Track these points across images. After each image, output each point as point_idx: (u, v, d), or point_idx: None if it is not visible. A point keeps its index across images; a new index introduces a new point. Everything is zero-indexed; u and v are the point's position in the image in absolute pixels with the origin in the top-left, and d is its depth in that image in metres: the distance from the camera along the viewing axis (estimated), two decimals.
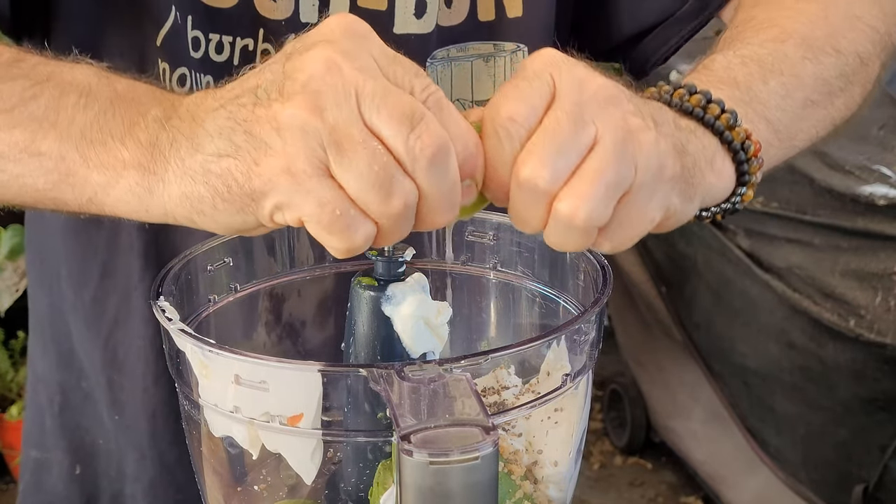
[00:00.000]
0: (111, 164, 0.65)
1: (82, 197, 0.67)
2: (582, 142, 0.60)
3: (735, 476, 2.51)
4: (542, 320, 0.79)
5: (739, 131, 0.70)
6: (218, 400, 0.65)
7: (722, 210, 0.73)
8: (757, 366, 2.33)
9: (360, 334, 0.71)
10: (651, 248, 2.62)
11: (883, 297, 2.09)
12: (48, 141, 0.67)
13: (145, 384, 0.98)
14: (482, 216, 0.80)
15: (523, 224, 0.63)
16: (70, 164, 0.66)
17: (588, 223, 0.61)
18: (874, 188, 2.07)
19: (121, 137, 0.65)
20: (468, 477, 0.55)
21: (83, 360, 1.02)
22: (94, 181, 0.66)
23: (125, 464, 1.02)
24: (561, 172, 0.60)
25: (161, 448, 0.99)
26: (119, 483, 1.03)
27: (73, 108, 0.67)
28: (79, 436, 1.04)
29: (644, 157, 0.62)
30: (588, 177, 0.60)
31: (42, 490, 1.07)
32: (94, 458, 1.04)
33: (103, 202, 0.67)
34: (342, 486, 0.71)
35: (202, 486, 0.73)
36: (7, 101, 0.68)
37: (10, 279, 2.67)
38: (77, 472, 1.05)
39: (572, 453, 0.71)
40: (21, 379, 2.81)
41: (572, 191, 0.60)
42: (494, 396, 0.72)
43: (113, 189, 0.65)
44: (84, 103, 0.67)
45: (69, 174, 0.67)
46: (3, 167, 0.69)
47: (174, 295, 0.71)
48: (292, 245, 0.80)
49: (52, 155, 0.67)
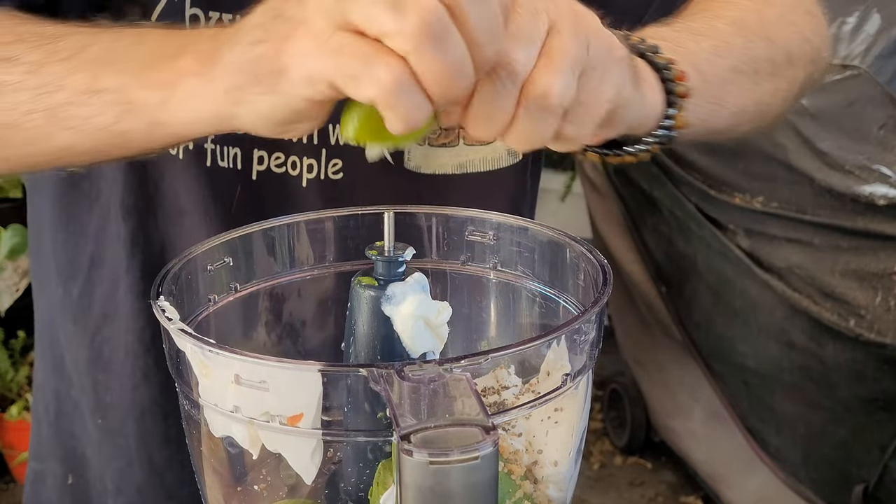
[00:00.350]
0: (168, 79, 0.68)
1: (144, 123, 0.70)
2: (541, 28, 0.63)
3: (735, 476, 2.51)
4: (542, 320, 0.79)
5: (661, 58, 0.76)
6: (218, 400, 0.65)
7: (658, 139, 0.76)
8: (757, 365, 2.33)
9: (360, 334, 0.71)
10: (651, 248, 2.62)
11: (883, 296, 2.09)
12: (108, 76, 0.70)
13: (134, 381, 0.98)
14: (482, 216, 0.80)
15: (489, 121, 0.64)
16: (129, 92, 0.70)
17: (560, 99, 0.63)
18: (874, 188, 2.07)
19: (175, 55, 0.68)
20: (468, 477, 0.55)
21: (70, 365, 1.02)
22: (154, 100, 0.69)
23: (107, 477, 1.01)
24: (532, 56, 0.63)
25: (150, 450, 0.99)
26: (107, 496, 1.03)
27: (130, 46, 0.71)
28: (71, 445, 1.04)
29: (594, 37, 0.66)
30: (555, 55, 0.63)
31: (40, 501, 1.07)
32: (85, 468, 1.03)
33: (164, 121, 0.69)
34: (342, 486, 0.71)
35: (202, 486, 0.73)
36: (69, 50, 0.72)
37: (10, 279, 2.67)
38: (69, 483, 1.04)
39: (572, 453, 0.71)
40: (21, 379, 2.81)
41: (543, 70, 0.63)
42: (494, 396, 0.72)
43: (171, 103, 0.68)
44: (139, 40, 0.72)
45: (129, 101, 0.70)
46: (74, 113, 0.71)
47: (174, 294, 0.71)
48: (292, 245, 0.80)
49: (112, 88, 0.70)
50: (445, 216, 0.81)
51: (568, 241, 0.76)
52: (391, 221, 0.71)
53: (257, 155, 0.93)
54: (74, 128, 0.72)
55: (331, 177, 0.93)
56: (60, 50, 0.73)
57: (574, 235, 0.77)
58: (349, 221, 0.80)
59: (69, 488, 1.04)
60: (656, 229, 2.58)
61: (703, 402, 2.56)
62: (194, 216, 0.93)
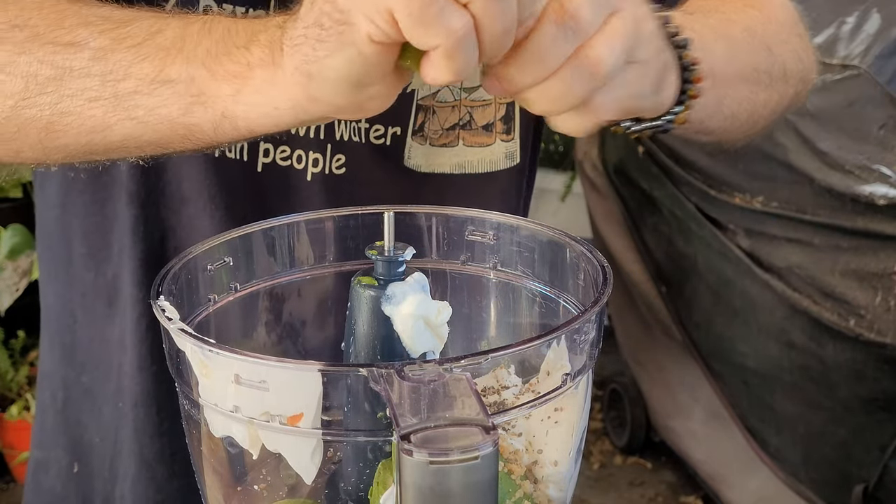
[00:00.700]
0: (238, 71, 0.67)
1: (214, 114, 0.68)
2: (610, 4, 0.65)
3: (735, 476, 2.51)
4: (542, 320, 0.79)
5: (689, 55, 0.77)
6: (218, 399, 0.65)
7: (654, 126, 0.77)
8: (757, 365, 2.33)
9: (360, 334, 0.71)
10: (651, 248, 2.62)
11: (883, 296, 2.09)
12: (176, 66, 0.69)
13: (131, 371, 0.98)
14: (482, 216, 0.80)
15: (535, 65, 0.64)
16: (200, 83, 0.68)
17: (609, 71, 0.65)
18: (874, 188, 2.07)
19: (245, 45, 0.67)
20: (468, 477, 0.55)
21: (85, 353, 1.02)
22: (224, 92, 0.67)
23: (118, 461, 1.02)
24: (597, 21, 0.64)
25: (142, 442, 0.99)
26: (111, 484, 1.03)
27: (199, 34, 0.69)
28: (78, 433, 1.04)
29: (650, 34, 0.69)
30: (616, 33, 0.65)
31: (41, 490, 1.07)
32: (91, 456, 1.04)
33: (235, 113, 0.68)
34: (342, 486, 0.71)
35: (202, 485, 0.73)
36: (136, 37, 0.70)
37: (10, 279, 2.67)
38: (75, 471, 1.05)
39: (572, 453, 0.71)
40: (21, 379, 2.81)
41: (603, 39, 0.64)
42: (494, 396, 0.72)
43: (242, 94, 0.67)
44: (208, 28, 0.69)
45: (200, 93, 0.68)
46: (140, 103, 0.70)
47: (174, 294, 0.71)
48: (292, 245, 0.80)
49: (181, 78, 0.68)
50: (445, 216, 0.81)
51: (568, 241, 0.76)
52: (391, 221, 0.71)
53: (263, 147, 0.92)
54: (139, 118, 0.70)
55: (334, 171, 0.93)
56: (128, 36, 0.71)
57: (574, 235, 0.77)
58: (349, 221, 0.80)
59: (74, 476, 1.05)
60: (656, 229, 2.58)
61: (703, 402, 2.56)
62: (197, 204, 0.93)
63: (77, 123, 0.72)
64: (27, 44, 0.72)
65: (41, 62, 0.72)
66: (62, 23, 0.72)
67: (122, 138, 0.73)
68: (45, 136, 0.74)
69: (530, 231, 0.79)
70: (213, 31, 0.69)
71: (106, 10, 0.74)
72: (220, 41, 0.68)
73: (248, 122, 0.68)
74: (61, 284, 1.03)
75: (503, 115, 0.99)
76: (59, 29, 0.72)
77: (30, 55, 0.72)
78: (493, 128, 0.99)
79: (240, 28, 0.69)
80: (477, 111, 0.98)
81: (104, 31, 0.71)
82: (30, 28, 0.73)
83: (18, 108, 0.73)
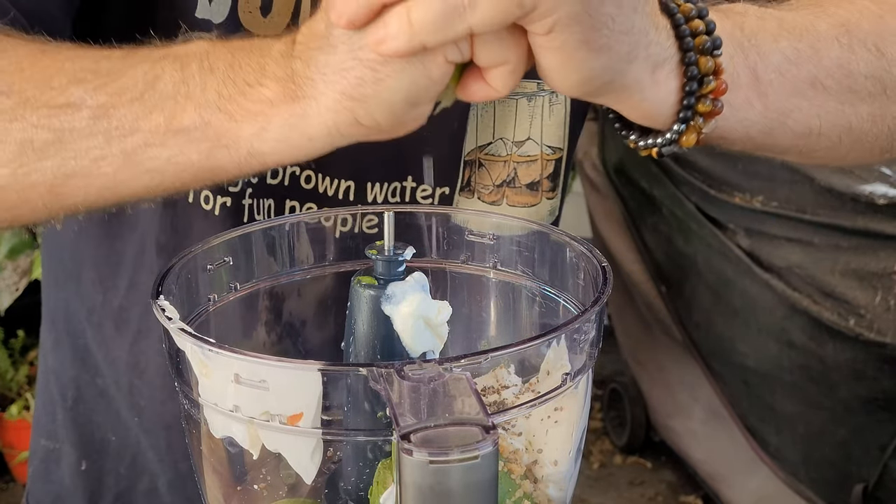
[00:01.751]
0: (258, 110, 0.64)
1: (240, 155, 0.66)
2: None
3: (735, 475, 2.51)
4: (541, 319, 0.79)
5: (708, 61, 0.66)
6: (218, 399, 0.65)
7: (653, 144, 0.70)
8: (757, 365, 2.33)
9: (360, 333, 0.71)
10: (651, 248, 2.62)
11: (883, 296, 2.09)
12: (188, 113, 0.66)
13: (162, 397, 0.98)
14: (482, 216, 0.80)
15: None
16: (217, 127, 0.65)
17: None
18: (874, 187, 2.07)
19: (257, 81, 0.65)
20: (468, 476, 0.55)
21: (100, 358, 1.02)
22: (247, 133, 0.65)
23: (146, 460, 1.02)
24: None
25: (175, 457, 0.99)
26: (129, 480, 1.03)
27: (200, 74, 0.66)
28: (89, 431, 1.04)
29: None
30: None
31: (49, 480, 1.07)
32: (103, 454, 1.04)
33: (262, 151, 0.65)
34: (342, 486, 0.71)
35: (202, 485, 0.73)
36: (135, 89, 0.67)
37: (10, 278, 2.67)
38: (82, 468, 1.05)
39: (572, 452, 0.71)
40: (21, 378, 2.81)
41: None
42: (494, 395, 0.72)
43: (267, 132, 0.64)
44: (209, 66, 0.66)
45: (219, 136, 0.65)
46: (154, 154, 0.67)
47: (174, 294, 0.71)
48: (292, 244, 0.80)
49: (196, 125, 0.66)
50: (446, 216, 0.81)
51: (568, 240, 0.76)
52: (391, 221, 0.71)
53: (289, 205, 0.90)
54: (155, 169, 0.68)
55: (365, 231, 0.89)
56: (126, 89, 0.67)
57: (574, 235, 0.77)
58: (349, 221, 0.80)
59: (82, 473, 1.05)
60: (656, 229, 2.58)
61: (702, 402, 2.56)
62: None
63: (85, 184, 0.70)
64: (18, 110, 0.69)
65: (36, 127, 0.68)
66: (50, 82, 0.69)
67: (137, 191, 0.70)
68: (49, 199, 0.71)
69: (530, 231, 0.79)
70: (216, 70, 0.66)
71: (90, 62, 0.70)
72: (228, 80, 0.66)
73: (278, 155, 0.66)
74: (69, 295, 1.03)
75: (550, 172, 0.95)
76: (50, 90, 0.69)
77: (23, 121, 0.69)
78: (539, 186, 0.95)
79: (242, 62, 0.66)
80: (522, 168, 0.94)
81: (98, 87, 0.68)
82: (17, 93, 0.69)
83: (18, 176, 0.70)
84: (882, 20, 0.79)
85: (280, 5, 0.87)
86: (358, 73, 0.61)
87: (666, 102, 0.67)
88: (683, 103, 0.67)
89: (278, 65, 0.65)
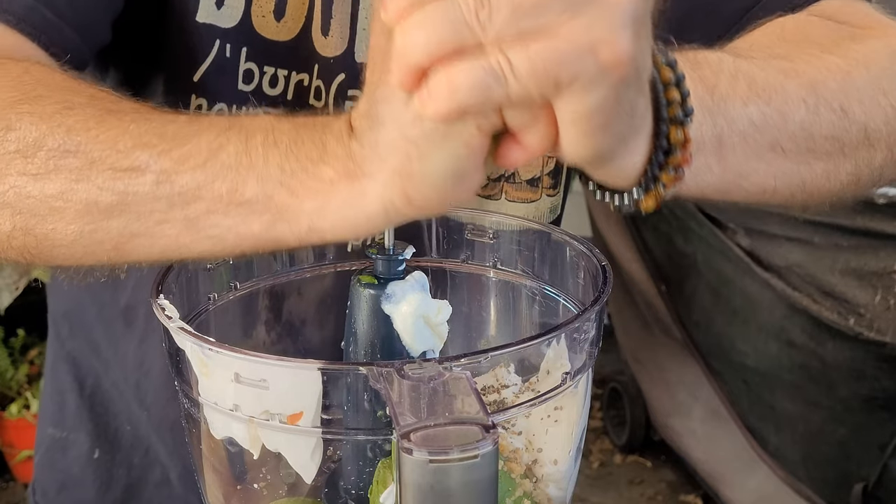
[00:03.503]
0: (319, 188, 0.65)
1: (300, 229, 0.66)
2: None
3: (734, 474, 2.51)
4: (541, 319, 0.79)
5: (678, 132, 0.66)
6: (218, 398, 0.65)
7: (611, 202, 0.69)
8: (756, 364, 2.34)
9: (360, 332, 0.71)
10: (651, 247, 2.62)
11: (882, 295, 2.09)
12: (250, 185, 0.66)
13: (167, 396, 0.98)
14: (482, 215, 0.80)
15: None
16: (279, 202, 0.66)
17: None
18: None
19: (319, 159, 0.65)
20: (468, 475, 0.55)
21: (110, 355, 1.02)
22: (308, 209, 0.65)
23: (158, 452, 1.02)
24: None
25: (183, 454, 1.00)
26: (142, 470, 1.03)
27: (264, 147, 0.66)
28: (105, 420, 1.04)
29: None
30: None
31: (55, 468, 1.08)
32: (116, 445, 1.04)
33: (322, 228, 0.66)
34: (342, 485, 0.71)
35: (202, 484, 0.73)
36: (198, 157, 0.67)
37: (9, 277, 2.67)
38: (95, 457, 1.05)
39: (572, 451, 0.71)
40: (21, 377, 2.81)
41: None
42: (494, 395, 0.72)
43: (327, 210, 0.65)
44: (273, 140, 0.67)
45: (281, 211, 0.66)
46: (215, 222, 0.67)
47: (174, 293, 0.71)
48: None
49: (258, 198, 0.66)
50: (445, 215, 0.81)
51: (568, 240, 0.76)
52: None
53: None
54: (217, 237, 0.68)
55: None
56: (190, 156, 0.67)
57: (574, 234, 0.77)
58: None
59: (94, 462, 1.05)
60: (656, 228, 2.58)
61: (702, 401, 2.56)
62: None
63: (149, 244, 0.70)
64: (84, 171, 0.69)
65: (101, 189, 0.69)
66: (116, 145, 0.69)
67: (200, 253, 0.70)
68: (114, 255, 0.72)
69: (530, 230, 0.79)
70: (279, 143, 0.66)
71: (157, 125, 0.71)
72: (291, 155, 0.66)
73: (338, 232, 0.66)
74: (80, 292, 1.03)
75: (551, 169, 0.96)
76: (116, 153, 0.69)
77: (88, 182, 0.69)
78: (540, 182, 0.96)
79: (305, 138, 0.66)
80: None
81: (163, 153, 0.68)
82: (83, 154, 0.70)
83: (85, 234, 0.70)
84: (849, 77, 0.79)
85: (293, 9, 0.87)
86: (405, 151, 0.61)
87: (632, 170, 0.66)
88: (647, 173, 0.67)
89: (339, 142, 0.65)
